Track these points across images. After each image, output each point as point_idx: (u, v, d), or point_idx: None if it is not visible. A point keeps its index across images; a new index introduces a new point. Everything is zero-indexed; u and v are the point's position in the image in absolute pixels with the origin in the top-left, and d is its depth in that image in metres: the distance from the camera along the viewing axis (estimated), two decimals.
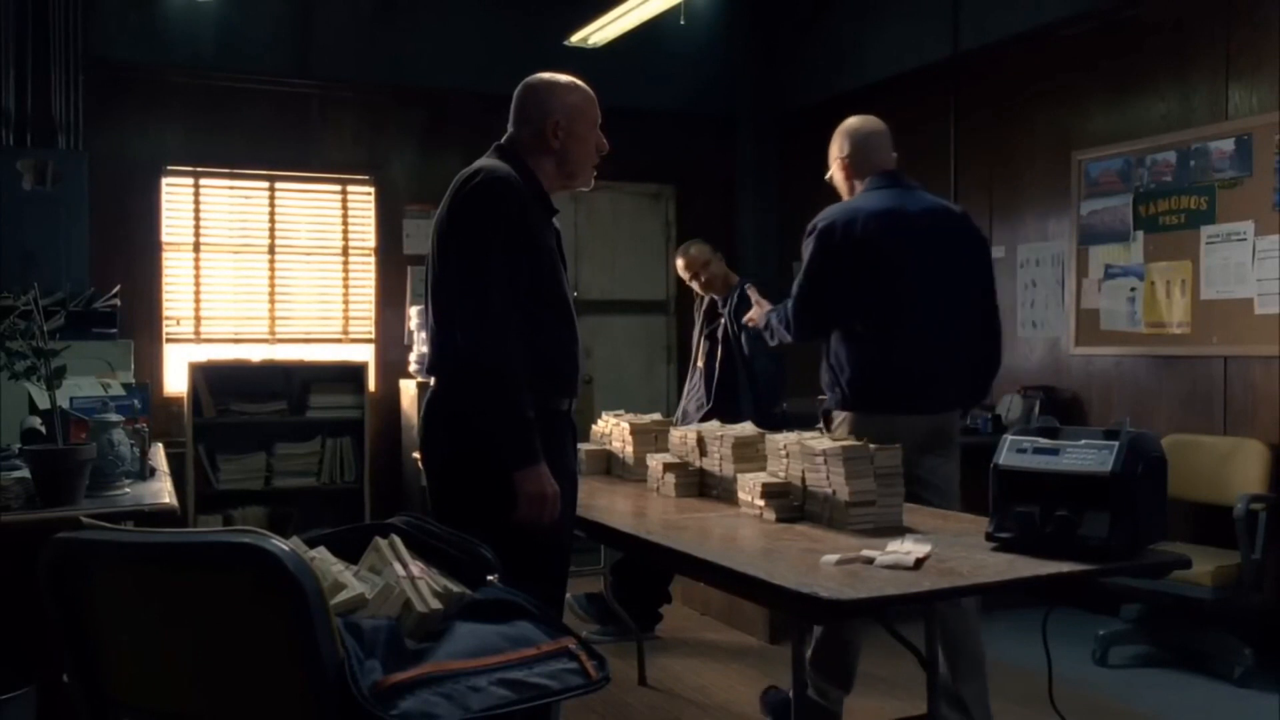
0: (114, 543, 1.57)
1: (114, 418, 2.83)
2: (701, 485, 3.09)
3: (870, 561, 2.10)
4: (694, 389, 4.89)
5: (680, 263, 4.89)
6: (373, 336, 6.71)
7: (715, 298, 4.86)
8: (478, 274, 2.42)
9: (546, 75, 2.70)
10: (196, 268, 6.36)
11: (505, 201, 2.47)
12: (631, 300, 7.31)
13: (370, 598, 1.63)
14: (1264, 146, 4.52)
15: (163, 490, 2.87)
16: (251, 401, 6.09)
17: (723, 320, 4.74)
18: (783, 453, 2.74)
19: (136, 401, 3.28)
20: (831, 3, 6.98)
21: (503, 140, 2.67)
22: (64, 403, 2.83)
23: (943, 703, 2.95)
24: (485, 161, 2.57)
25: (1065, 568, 2.08)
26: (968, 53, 5.92)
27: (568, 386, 2.62)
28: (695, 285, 4.89)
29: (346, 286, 6.70)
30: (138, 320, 6.00)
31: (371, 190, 6.70)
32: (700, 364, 4.88)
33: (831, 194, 3.54)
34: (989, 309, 3.36)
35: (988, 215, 5.89)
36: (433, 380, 2.62)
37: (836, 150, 3.43)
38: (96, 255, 5.71)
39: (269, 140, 6.42)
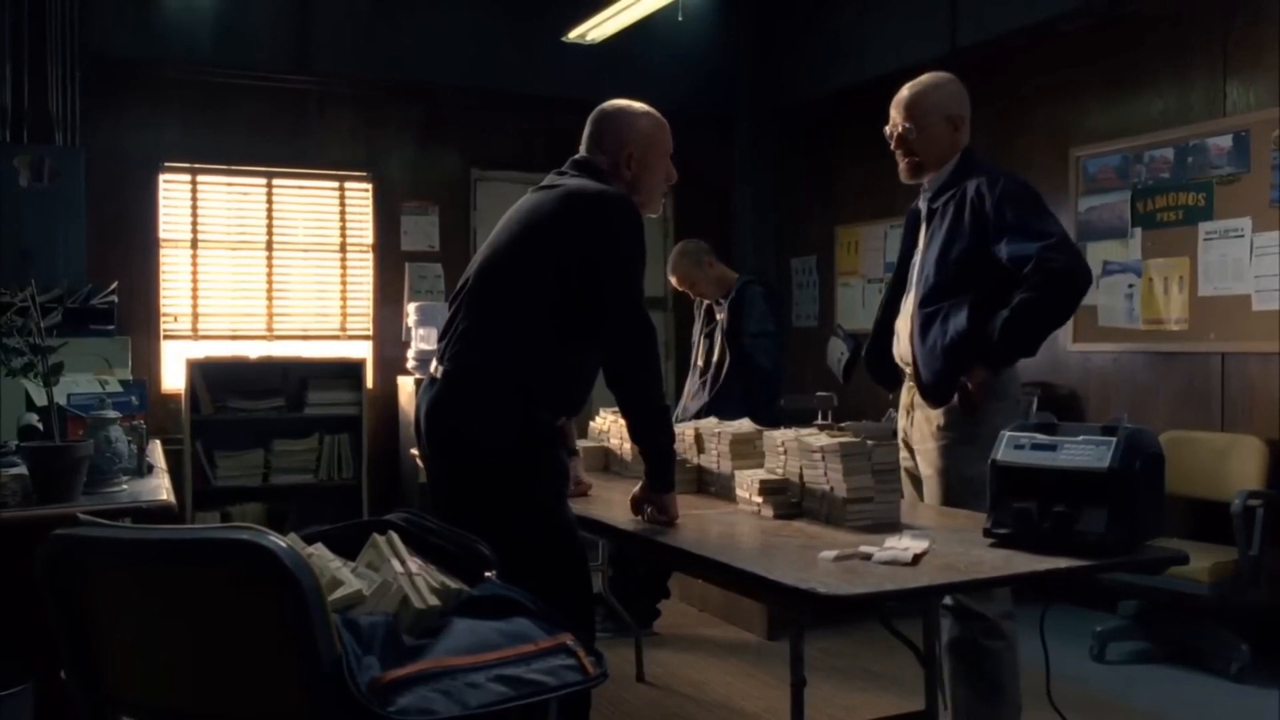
0: (111, 539, 1.57)
1: (111, 414, 2.83)
2: (699, 482, 3.09)
3: (868, 557, 2.10)
4: (694, 389, 4.86)
5: (672, 279, 4.93)
6: (370, 333, 6.71)
7: (716, 300, 4.83)
8: (641, 318, 2.51)
9: (622, 103, 2.72)
10: (194, 264, 6.35)
11: (642, 232, 2.56)
12: None
13: (368, 594, 1.63)
14: (1261, 143, 4.52)
15: (160, 487, 2.87)
16: (249, 398, 6.08)
17: (720, 320, 4.72)
18: (780, 449, 2.74)
19: (134, 398, 3.28)
20: None
21: (580, 160, 2.68)
22: (61, 399, 2.83)
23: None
24: (601, 185, 2.58)
25: (1063, 563, 2.08)
26: (965, 49, 5.91)
27: (578, 408, 2.68)
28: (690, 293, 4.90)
29: (344, 283, 6.69)
30: (135, 317, 5.99)
31: (369, 187, 6.69)
32: (699, 363, 4.86)
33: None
34: None
35: None
36: (446, 370, 2.58)
37: (955, 106, 3.06)
38: (93, 251, 5.70)
39: (266, 136, 6.41)
